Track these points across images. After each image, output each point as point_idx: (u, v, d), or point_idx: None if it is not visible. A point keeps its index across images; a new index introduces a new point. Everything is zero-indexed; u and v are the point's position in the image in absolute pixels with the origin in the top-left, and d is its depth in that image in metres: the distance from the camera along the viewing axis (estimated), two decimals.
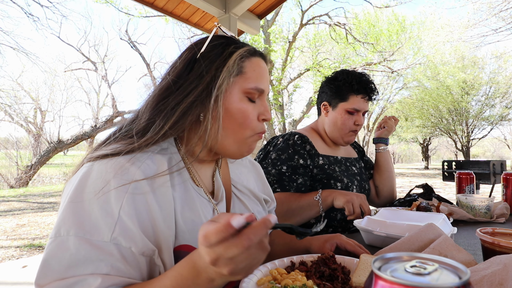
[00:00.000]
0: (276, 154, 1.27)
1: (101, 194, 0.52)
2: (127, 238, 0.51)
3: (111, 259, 0.49)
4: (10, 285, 2.65)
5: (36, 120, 15.68)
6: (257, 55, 0.69)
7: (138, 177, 0.55)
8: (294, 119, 13.05)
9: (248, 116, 0.65)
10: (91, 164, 0.56)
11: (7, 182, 10.30)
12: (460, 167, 1.87)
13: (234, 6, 2.70)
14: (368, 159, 1.63)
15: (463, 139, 17.94)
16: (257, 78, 0.66)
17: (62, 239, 0.49)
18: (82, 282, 0.47)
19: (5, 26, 29.37)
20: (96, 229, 0.50)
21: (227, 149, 0.67)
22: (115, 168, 0.55)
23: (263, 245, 0.42)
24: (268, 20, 11.02)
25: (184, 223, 0.60)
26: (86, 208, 0.51)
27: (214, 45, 0.67)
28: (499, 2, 10.43)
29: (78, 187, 0.53)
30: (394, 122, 1.56)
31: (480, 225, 1.13)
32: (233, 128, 0.65)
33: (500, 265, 0.49)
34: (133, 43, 13.25)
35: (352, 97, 1.33)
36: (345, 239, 0.80)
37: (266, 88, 0.68)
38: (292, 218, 1.19)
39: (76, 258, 0.48)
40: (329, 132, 1.40)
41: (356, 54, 12.98)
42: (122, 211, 0.52)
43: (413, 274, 0.25)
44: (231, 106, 0.64)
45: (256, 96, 0.67)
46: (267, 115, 0.68)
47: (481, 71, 16.52)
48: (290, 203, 1.19)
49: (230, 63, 0.63)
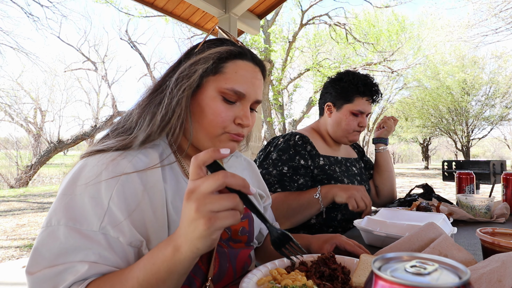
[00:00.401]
0: (277, 155, 1.27)
1: (91, 185, 0.53)
2: (116, 228, 0.52)
3: (99, 248, 0.51)
4: (10, 285, 2.65)
5: (36, 120, 15.67)
6: (247, 59, 0.69)
7: (128, 170, 0.57)
8: (294, 119, 13.05)
9: (219, 114, 0.65)
10: (85, 160, 0.59)
11: (7, 182, 10.30)
12: (460, 167, 1.87)
13: (234, 6, 2.71)
14: (368, 159, 1.63)
15: (463, 139, 17.95)
16: (237, 80, 0.66)
17: (53, 229, 0.50)
18: (71, 269, 0.49)
19: (5, 26, 29.37)
20: (85, 219, 0.51)
21: (202, 145, 0.68)
22: (107, 161, 0.57)
23: (235, 199, 0.45)
24: (268, 20, 11.01)
25: (176, 213, 0.61)
26: (77, 199, 0.53)
27: (205, 46, 0.68)
28: (499, 2, 10.43)
29: (71, 180, 0.55)
30: (394, 122, 1.56)
31: (480, 225, 1.13)
32: (203, 124, 0.65)
33: (499, 262, 0.49)
34: (133, 43, 13.26)
35: (357, 99, 1.33)
36: (345, 239, 0.81)
37: (248, 93, 0.67)
38: (293, 217, 1.19)
39: (66, 247, 0.50)
40: (332, 133, 1.40)
41: (356, 54, 12.98)
42: (112, 201, 0.53)
43: (413, 274, 0.25)
44: (203, 102, 0.65)
45: (234, 98, 0.66)
46: (244, 121, 0.67)
47: (481, 71, 16.53)
48: (289, 202, 1.18)
49: (208, 61, 0.64)
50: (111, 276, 0.51)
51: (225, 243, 0.72)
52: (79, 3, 33.87)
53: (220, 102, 0.65)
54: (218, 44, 0.68)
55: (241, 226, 0.76)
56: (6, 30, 11.71)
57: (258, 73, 0.70)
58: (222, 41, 0.70)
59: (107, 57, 17.40)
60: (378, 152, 1.55)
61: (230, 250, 0.70)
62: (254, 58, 0.71)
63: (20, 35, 27.83)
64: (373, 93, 1.34)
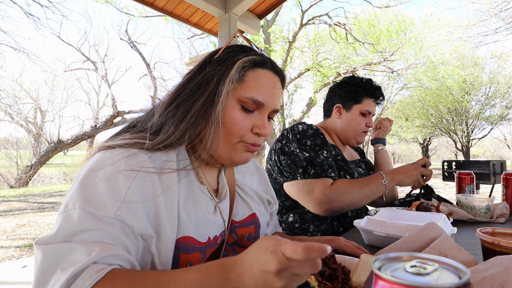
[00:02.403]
0: (311, 141, 1.25)
1: (110, 174, 0.53)
2: (131, 217, 0.52)
3: (113, 231, 0.50)
4: (10, 285, 2.65)
5: (36, 120, 15.68)
6: (267, 68, 0.68)
7: (148, 165, 0.57)
8: (294, 119, 13.04)
9: (237, 123, 0.64)
10: (104, 152, 0.58)
11: (7, 182, 10.30)
12: (460, 167, 1.86)
13: (234, 6, 2.71)
14: (368, 160, 1.65)
15: (463, 139, 17.94)
16: (256, 89, 0.65)
17: (69, 213, 0.50)
18: (84, 248, 0.47)
19: (5, 26, 29.37)
20: (101, 205, 0.51)
21: (220, 155, 0.67)
22: (127, 154, 0.57)
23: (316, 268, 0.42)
24: (268, 20, 11.01)
25: (186, 215, 0.61)
26: (95, 187, 0.52)
27: (226, 52, 0.68)
28: (499, 2, 10.43)
29: (89, 170, 0.54)
30: (389, 122, 1.63)
31: (480, 225, 1.13)
32: (223, 133, 0.65)
33: (501, 266, 0.49)
34: (133, 43, 13.25)
35: (366, 99, 1.40)
36: (344, 242, 0.81)
37: (267, 102, 0.67)
38: (362, 203, 1.20)
39: (79, 228, 0.49)
40: (342, 133, 1.43)
41: (356, 54, 12.97)
42: (130, 191, 0.53)
43: (413, 274, 0.25)
44: (223, 112, 0.64)
45: (252, 107, 0.66)
46: (262, 130, 0.66)
47: (481, 71, 16.52)
48: (360, 188, 1.18)
49: (232, 71, 0.64)
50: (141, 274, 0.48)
51: (230, 247, 0.73)
52: (79, 3, 33.90)
53: (239, 111, 0.65)
54: (239, 51, 0.68)
55: (248, 232, 0.76)
56: (6, 30, 11.70)
57: (277, 83, 0.70)
58: (243, 49, 0.69)
59: (107, 57, 17.44)
60: (378, 152, 1.58)
61: (235, 254, 0.71)
62: (274, 67, 0.70)
63: (20, 35, 27.86)
64: (378, 95, 1.43)
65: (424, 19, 16.36)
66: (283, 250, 0.40)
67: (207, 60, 0.68)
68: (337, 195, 1.14)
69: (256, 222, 0.79)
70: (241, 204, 0.78)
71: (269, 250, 0.41)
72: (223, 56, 0.67)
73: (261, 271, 0.41)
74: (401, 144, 29.20)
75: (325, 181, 1.17)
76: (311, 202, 1.17)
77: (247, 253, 0.44)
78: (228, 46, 0.70)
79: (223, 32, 2.85)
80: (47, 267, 0.46)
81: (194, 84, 0.65)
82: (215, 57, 0.67)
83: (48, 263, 0.46)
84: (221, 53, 0.68)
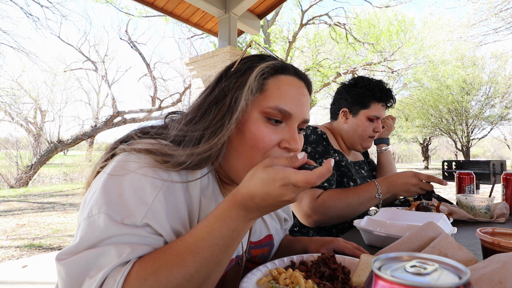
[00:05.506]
0: (312, 148, 1.24)
1: (137, 180, 0.50)
2: (157, 225, 0.50)
3: (141, 233, 0.48)
4: (10, 285, 2.65)
5: (36, 120, 15.66)
6: (289, 74, 0.62)
7: (175, 178, 0.54)
8: None
9: (262, 138, 0.57)
10: (128, 154, 0.54)
11: (7, 182, 10.30)
12: (460, 167, 1.86)
13: (234, 6, 2.71)
14: (371, 160, 1.64)
15: (463, 139, 17.95)
16: (280, 97, 0.58)
17: (93, 218, 0.47)
18: (113, 251, 0.45)
19: (5, 26, 29.36)
20: (127, 212, 0.48)
21: (239, 176, 0.60)
22: (154, 162, 0.53)
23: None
24: (268, 20, 11.02)
25: None
26: (121, 192, 0.49)
27: (243, 63, 0.62)
28: (499, 2, 10.42)
29: (113, 173, 0.51)
30: (392, 120, 1.57)
31: (480, 225, 1.12)
32: (244, 151, 0.58)
33: (499, 263, 0.49)
34: (133, 43, 13.24)
35: (374, 104, 1.33)
36: (343, 243, 0.80)
37: (294, 111, 0.59)
38: (351, 214, 1.16)
39: (106, 234, 0.46)
40: (348, 138, 1.38)
41: (356, 54, 12.97)
42: (157, 199, 0.50)
43: (413, 274, 0.25)
44: (244, 126, 0.58)
45: (279, 117, 0.58)
46: (292, 144, 0.58)
47: (481, 71, 16.53)
48: (348, 199, 1.15)
49: (250, 80, 0.58)
50: (166, 246, 0.48)
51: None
52: (79, 3, 33.86)
53: (263, 124, 0.58)
54: (257, 60, 0.62)
55: (262, 252, 0.76)
56: (6, 30, 11.69)
57: (303, 89, 0.63)
58: (261, 57, 0.64)
59: (107, 57, 17.41)
60: (381, 153, 1.55)
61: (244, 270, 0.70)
62: (297, 73, 0.64)
63: (20, 35, 27.84)
64: (388, 99, 1.35)
65: (424, 19, 16.35)
66: (294, 183, 0.43)
67: (223, 73, 0.63)
68: (321, 209, 1.12)
69: (271, 244, 0.78)
70: (259, 223, 0.76)
71: (278, 184, 0.43)
72: (239, 67, 0.62)
73: (277, 201, 0.45)
74: (401, 144, 29.19)
75: (313, 193, 1.14)
76: (298, 213, 1.17)
77: (253, 187, 0.45)
78: (244, 57, 0.64)
79: (223, 32, 2.85)
80: (73, 281, 0.43)
81: (211, 100, 0.60)
82: (231, 70, 0.62)
83: (74, 277, 0.43)
84: (238, 65, 0.62)
